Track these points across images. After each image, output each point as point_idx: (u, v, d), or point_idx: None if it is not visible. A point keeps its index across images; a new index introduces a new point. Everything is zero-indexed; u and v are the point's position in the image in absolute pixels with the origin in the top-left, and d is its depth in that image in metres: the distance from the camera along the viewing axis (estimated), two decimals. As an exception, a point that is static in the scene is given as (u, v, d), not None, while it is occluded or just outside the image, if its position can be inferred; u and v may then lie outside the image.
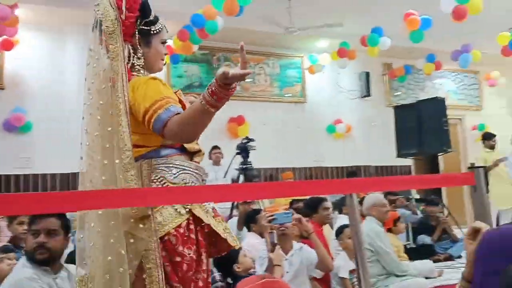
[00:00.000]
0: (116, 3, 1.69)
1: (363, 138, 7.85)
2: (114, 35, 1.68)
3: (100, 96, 1.64)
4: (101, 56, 1.67)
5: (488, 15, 6.29)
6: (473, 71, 9.05)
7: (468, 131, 8.93)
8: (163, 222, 1.63)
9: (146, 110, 1.61)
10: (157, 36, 1.81)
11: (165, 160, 1.68)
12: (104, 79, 1.64)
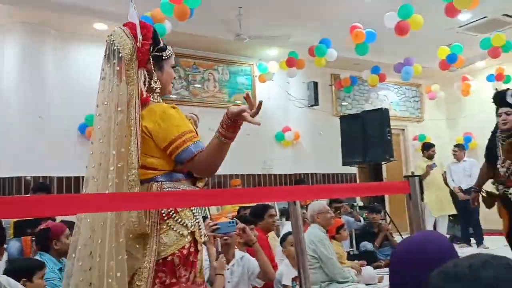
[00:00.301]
0: (131, 33, 1.85)
1: (310, 146, 7.97)
2: (131, 62, 1.83)
3: (114, 119, 1.75)
4: (114, 84, 1.78)
5: (429, 31, 6.61)
6: (415, 84, 9.46)
7: (410, 141, 9.30)
8: (169, 243, 1.75)
9: (173, 139, 1.76)
10: (168, 61, 1.98)
11: (173, 184, 1.81)
12: (121, 103, 1.76)
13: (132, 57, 1.83)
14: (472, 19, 6.63)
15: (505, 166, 3.70)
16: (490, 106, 9.09)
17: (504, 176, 3.70)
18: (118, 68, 1.80)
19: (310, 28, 6.65)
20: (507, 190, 3.73)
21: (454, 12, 4.94)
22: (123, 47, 1.83)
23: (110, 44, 1.85)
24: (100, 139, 1.77)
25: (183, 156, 1.77)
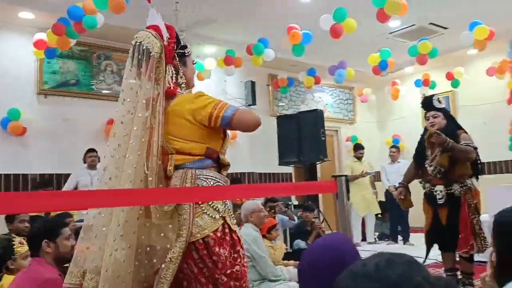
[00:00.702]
0: (157, 33, 2.08)
1: (247, 146, 7.99)
2: (160, 60, 2.07)
3: (139, 113, 1.99)
4: (143, 81, 2.00)
5: (362, 36, 6.85)
6: (348, 87, 9.78)
7: (343, 142, 9.59)
8: (203, 226, 1.98)
9: (211, 112, 2.00)
10: (189, 58, 2.25)
11: (204, 172, 2.04)
12: (148, 98, 2.01)
13: (161, 55, 2.07)
14: (401, 26, 6.95)
15: (433, 166, 3.92)
16: (417, 109, 9.61)
17: (431, 175, 3.91)
18: (148, 66, 2.03)
19: (248, 27, 6.67)
20: (433, 188, 3.94)
21: (385, 17, 5.13)
22: (153, 47, 2.05)
23: (137, 45, 2.07)
24: (124, 133, 2.02)
25: (225, 120, 2.00)
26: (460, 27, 6.32)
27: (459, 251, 3.79)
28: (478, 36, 5.87)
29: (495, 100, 7.82)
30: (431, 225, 4.02)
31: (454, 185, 3.87)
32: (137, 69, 2.05)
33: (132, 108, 2.02)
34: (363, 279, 0.75)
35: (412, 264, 0.78)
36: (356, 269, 0.78)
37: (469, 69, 8.28)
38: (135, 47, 2.08)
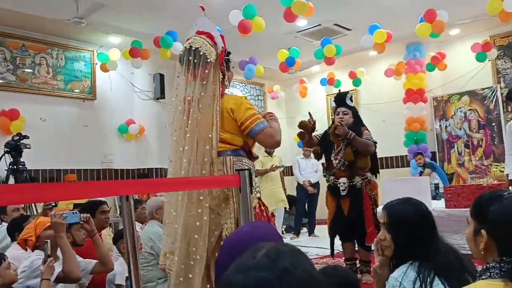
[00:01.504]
0: (211, 41, 2.39)
1: (156, 140, 7.77)
2: (216, 65, 2.38)
3: (201, 112, 2.32)
4: (198, 83, 2.33)
5: (271, 34, 6.96)
6: (259, 83, 9.92)
7: (254, 137, 9.70)
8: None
9: (246, 118, 2.36)
10: (230, 63, 2.57)
11: (240, 159, 2.41)
12: (208, 98, 2.33)
13: (217, 62, 2.37)
14: (308, 26, 7.16)
15: (338, 159, 4.09)
16: (323, 107, 9.96)
17: (336, 167, 4.08)
18: (206, 70, 2.33)
19: (156, 18, 6.46)
20: (337, 180, 4.12)
21: (292, 17, 5.25)
22: (210, 54, 2.34)
23: (194, 50, 2.37)
24: (179, 127, 2.38)
25: (254, 131, 2.36)
26: (362, 29, 6.68)
27: (369, 243, 4.01)
28: (377, 39, 6.23)
29: (393, 99, 8.38)
30: (334, 216, 4.21)
31: (356, 177, 4.11)
32: (188, 69, 2.37)
33: (179, 102, 2.43)
34: (255, 271, 0.73)
35: (298, 252, 0.79)
36: (246, 262, 0.76)
37: (370, 70, 8.79)
38: (190, 51, 2.38)
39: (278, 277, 0.71)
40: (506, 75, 7.55)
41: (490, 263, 1.32)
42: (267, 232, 1.21)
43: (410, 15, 6.16)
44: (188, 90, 2.38)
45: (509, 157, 4.75)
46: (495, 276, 1.28)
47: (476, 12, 6.56)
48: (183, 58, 2.43)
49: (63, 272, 2.67)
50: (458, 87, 7.93)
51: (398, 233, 1.73)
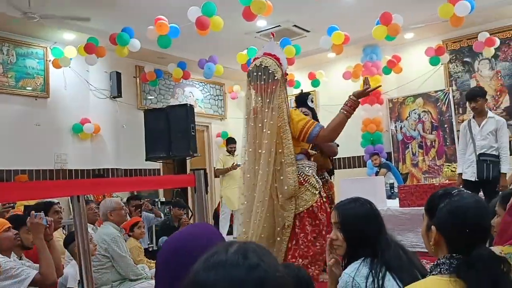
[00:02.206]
0: (278, 62, 2.88)
1: (112, 140, 7.59)
2: (282, 83, 2.87)
3: (269, 120, 2.81)
4: (267, 98, 2.83)
5: (231, 34, 6.95)
6: (219, 83, 9.87)
7: (214, 137, 9.66)
8: (307, 199, 2.91)
9: (302, 128, 2.83)
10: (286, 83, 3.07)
11: (301, 162, 2.93)
12: (275, 109, 2.80)
13: (282, 79, 2.88)
14: (267, 26, 7.19)
15: None
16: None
17: None
18: (273, 86, 2.83)
19: (112, 15, 6.31)
20: None
21: (251, 16, 5.24)
22: (277, 72, 2.85)
23: (263, 68, 2.85)
24: (255, 140, 2.90)
25: (311, 137, 2.82)
26: (321, 30, 6.77)
27: None
28: (335, 40, 6.33)
29: (351, 100, 8.52)
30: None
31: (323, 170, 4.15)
32: (256, 84, 2.88)
33: (247, 112, 3.01)
34: (228, 268, 0.72)
35: (264, 248, 0.79)
36: (216, 260, 0.74)
37: (328, 71, 8.92)
38: (260, 68, 2.87)
39: (251, 274, 0.71)
40: (458, 78, 7.85)
41: (441, 259, 1.35)
42: (208, 230, 1.19)
43: (367, 18, 6.29)
44: (257, 101, 2.90)
45: (461, 156, 4.92)
46: (445, 272, 1.30)
47: (429, 17, 6.78)
48: (252, 74, 2.92)
49: (40, 274, 2.58)
50: (412, 89, 8.17)
51: (349, 231, 1.77)
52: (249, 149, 2.90)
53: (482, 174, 4.57)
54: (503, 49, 7.33)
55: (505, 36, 7.31)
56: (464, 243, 1.32)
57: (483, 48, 7.00)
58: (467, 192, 1.45)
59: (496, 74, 7.48)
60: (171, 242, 1.16)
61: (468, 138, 4.79)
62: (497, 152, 4.62)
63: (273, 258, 0.78)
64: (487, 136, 4.67)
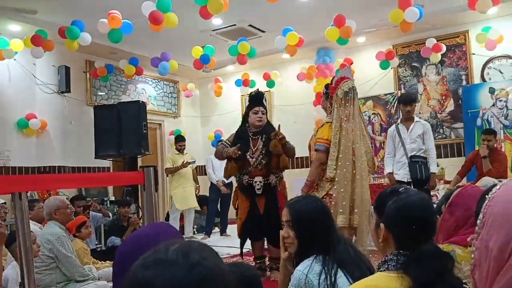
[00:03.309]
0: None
1: (59, 137, 7.30)
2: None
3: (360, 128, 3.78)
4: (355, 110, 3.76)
5: (186, 31, 6.86)
6: (173, 81, 9.72)
7: (166, 135, 9.50)
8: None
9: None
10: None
11: None
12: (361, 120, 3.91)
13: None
14: (223, 25, 7.15)
15: (254, 157, 4.10)
16: (237, 106, 10.02)
17: (252, 166, 4.09)
18: (356, 102, 3.82)
19: (63, 7, 6.07)
20: (252, 179, 4.13)
21: (208, 15, 5.18)
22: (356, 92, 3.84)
23: (353, 89, 3.78)
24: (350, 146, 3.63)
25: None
26: (276, 31, 6.81)
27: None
28: (290, 41, 6.38)
29: (304, 101, 8.65)
30: (248, 216, 4.20)
31: (271, 176, 4.17)
32: (353, 101, 3.72)
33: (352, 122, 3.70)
34: (167, 266, 0.70)
35: (207, 246, 0.78)
36: (156, 257, 0.72)
37: (283, 72, 9.00)
38: (353, 89, 3.78)
39: (192, 272, 0.69)
40: (406, 82, 8.13)
41: (388, 256, 1.37)
42: (167, 230, 1.15)
43: (322, 21, 6.38)
44: (354, 114, 3.68)
45: (389, 158, 5.10)
46: (392, 268, 1.33)
47: (380, 22, 6.98)
48: (353, 92, 3.73)
49: None
50: (363, 92, 8.36)
51: (301, 228, 1.77)
52: (346, 149, 3.56)
53: (416, 174, 4.79)
54: (449, 55, 7.67)
55: (451, 42, 7.65)
56: (411, 240, 1.35)
57: (431, 53, 7.28)
58: (413, 190, 1.49)
59: (442, 79, 7.81)
60: (127, 242, 1.13)
61: (397, 141, 5.00)
62: (425, 154, 4.86)
63: (216, 257, 0.76)
64: (416, 139, 4.90)
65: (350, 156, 3.55)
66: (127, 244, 1.12)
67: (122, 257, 1.10)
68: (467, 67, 7.58)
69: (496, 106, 7.14)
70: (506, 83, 7.14)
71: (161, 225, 1.30)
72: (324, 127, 3.71)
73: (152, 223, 1.92)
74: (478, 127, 7.13)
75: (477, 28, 7.25)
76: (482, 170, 5.15)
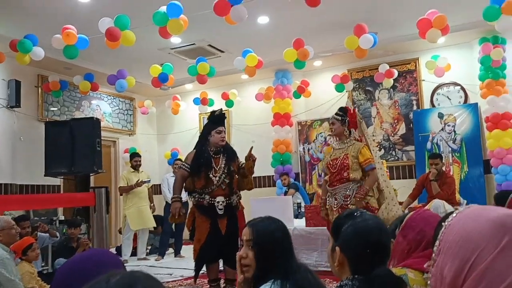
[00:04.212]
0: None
1: (8, 153, 6.97)
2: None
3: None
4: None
5: (144, 48, 6.80)
6: (129, 98, 9.56)
7: (121, 153, 9.28)
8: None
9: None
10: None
11: None
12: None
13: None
14: (182, 44, 7.14)
15: (217, 176, 4.06)
16: (195, 125, 9.96)
17: (215, 185, 4.04)
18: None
19: (16, 20, 5.88)
20: (214, 199, 4.06)
21: (167, 34, 5.14)
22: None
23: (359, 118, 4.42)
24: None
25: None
26: (235, 52, 6.86)
27: None
28: (249, 63, 6.45)
29: (262, 121, 8.73)
30: (208, 238, 4.10)
31: (233, 196, 4.14)
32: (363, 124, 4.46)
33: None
34: None
35: (151, 278, 0.75)
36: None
37: (242, 92, 9.05)
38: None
39: None
40: (361, 105, 8.37)
41: (343, 280, 1.38)
42: (107, 257, 1.12)
43: (281, 43, 6.49)
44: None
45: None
46: None
47: (336, 47, 7.19)
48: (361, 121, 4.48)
49: None
50: (319, 113, 8.56)
51: (261, 250, 1.74)
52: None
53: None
54: (400, 80, 7.98)
55: (402, 69, 7.97)
56: (366, 264, 1.37)
57: (383, 79, 7.56)
58: (369, 214, 1.51)
59: (394, 103, 8.10)
60: (65, 266, 1.08)
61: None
62: None
63: (161, 287, 0.74)
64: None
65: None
66: (65, 268, 1.08)
67: (59, 280, 1.06)
68: (417, 92, 7.91)
69: (445, 130, 7.47)
70: (453, 109, 7.50)
71: (99, 252, 1.26)
72: (365, 149, 4.09)
73: (95, 248, 1.85)
74: (429, 150, 7.42)
75: (427, 56, 7.61)
76: (432, 192, 5.34)
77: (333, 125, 4.21)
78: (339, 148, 4.16)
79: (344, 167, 4.03)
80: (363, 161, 4.01)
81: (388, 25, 6.72)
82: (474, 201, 6.70)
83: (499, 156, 6.78)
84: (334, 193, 4.08)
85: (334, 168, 4.08)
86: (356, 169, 4.00)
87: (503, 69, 6.93)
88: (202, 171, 4.09)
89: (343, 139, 4.14)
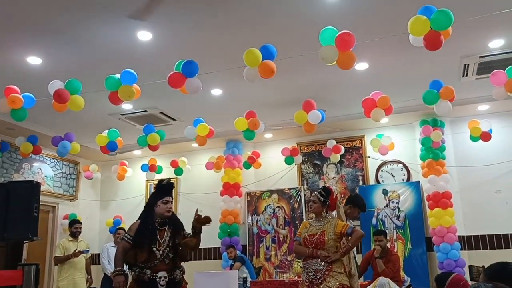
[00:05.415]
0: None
1: None
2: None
3: None
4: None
5: (93, 113, 6.68)
6: (74, 161, 9.23)
7: (60, 219, 8.79)
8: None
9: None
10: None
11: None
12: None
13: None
14: (133, 110, 7.09)
15: (161, 250, 3.85)
16: (141, 192, 9.69)
17: (159, 259, 3.82)
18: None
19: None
20: (156, 274, 3.82)
21: (118, 101, 5.06)
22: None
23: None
24: None
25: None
26: (187, 120, 6.87)
27: None
28: (200, 132, 6.46)
29: (211, 190, 8.62)
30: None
31: (176, 270, 3.94)
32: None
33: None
34: None
35: None
36: None
37: (192, 160, 8.99)
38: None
39: None
40: (309, 178, 8.51)
41: None
42: None
43: (232, 114, 6.59)
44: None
45: None
46: None
47: (287, 121, 7.39)
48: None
49: None
50: (269, 185, 8.60)
51: None
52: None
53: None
54: (347, 156, 8.24)
55: (349, 145, 8.27)
56: None
57: (331, 154, 7.77)
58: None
59: (341, 178, 8.30)
60: None
61: None
62: None
63: None
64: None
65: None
66: None
67: None
68: (363, 168, 8.18)
69: (389, 207, 7.67)
70: (397, 186, 7.76)
71: None
72: (338, 220, 4.25)
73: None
74: (374, 226, 7.54)
75: (372, 134, 7.96)
76: (377, 270, 5.34)
77: (314, 203, 4.32)
78: (315, 225, 4.24)
79: (320, 243, 4.09)
80: (341, 229, 4.11)
81: (335, 103, 7.03)
82: (417, 279, 6.78)
83: (440, 234, 6.98)
84: (306, 268, 4.11)
85: (310, 244, 4.14)
86: (331, 246, 4.07)
87: (442, 150, 7.34)
88: (146, 244, 3.89)
89: (319, 218, 4.26)
